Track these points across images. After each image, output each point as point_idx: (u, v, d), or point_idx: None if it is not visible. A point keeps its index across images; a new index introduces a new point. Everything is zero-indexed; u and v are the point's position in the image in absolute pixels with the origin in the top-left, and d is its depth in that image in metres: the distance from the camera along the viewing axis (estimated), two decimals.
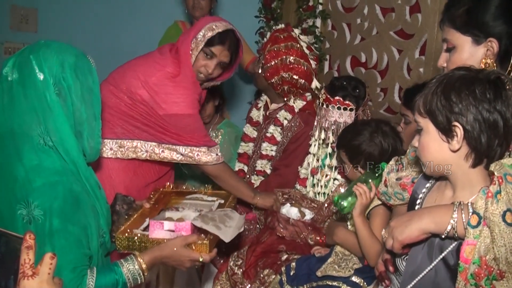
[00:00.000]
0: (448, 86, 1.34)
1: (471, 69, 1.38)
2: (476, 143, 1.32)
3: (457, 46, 1.61)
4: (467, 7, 1.58)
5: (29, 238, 0.98)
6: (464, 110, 1.31)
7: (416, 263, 1.43)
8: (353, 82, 2.57)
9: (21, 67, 1.60)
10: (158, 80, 2.40)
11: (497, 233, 1.21)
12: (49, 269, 0.98)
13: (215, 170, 2.52)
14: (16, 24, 4.34)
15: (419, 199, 1.55)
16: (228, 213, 2.08)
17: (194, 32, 2.45)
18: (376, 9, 3.49)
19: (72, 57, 1.65)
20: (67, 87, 1.62)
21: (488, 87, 1.31)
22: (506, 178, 1.24)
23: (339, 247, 2.18)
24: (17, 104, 1.60)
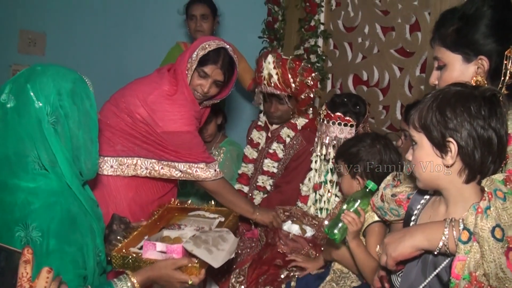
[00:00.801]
0: (443, 102, 1.36)
1: (467, 86, 1.41)
2: (470, 159, 1.33)
3: (448, 64, 1.64)
4: (456, 26, 1.61)
5: (27, 253, 1.00)
6: (458, 126, 1.33)
7: (411, 280, 1.44)
8: (353, 99, 2.60)
9: (18, 94, 1.60)
10: (156, 98, 2.44)
11: (486, 249, 1.22)
12: (46, 283, 1.01)
13: (214, 186, 2.54)
14: (25, 47, 4.42)
15: (414, 215, 1.56)
16: (223, 235, 2.07)
17: (190, 52, 2.48)
18: (377, 28, 3.53)
19: (69, 84, 1.65)
20: (64, 115, 1.63)
21: (483, 104, 1.33)
22: (496, 193, 1.26)
23: (337, 265, 2.18)
24: (11, 130, 1.61)
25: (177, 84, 2.48)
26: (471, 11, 1.59)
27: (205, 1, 3.73)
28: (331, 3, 3.87)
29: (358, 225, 1.92)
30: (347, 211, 1.93)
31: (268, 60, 2.75)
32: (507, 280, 1.21)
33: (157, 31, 4.63)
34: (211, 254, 1.90)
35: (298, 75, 2.70)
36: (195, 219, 2.38)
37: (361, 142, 2.21)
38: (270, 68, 2.73)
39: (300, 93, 2.76)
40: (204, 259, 1.88)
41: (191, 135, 2.48)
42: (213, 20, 3.74)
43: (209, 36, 2.73)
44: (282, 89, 2.73)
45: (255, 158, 3.02)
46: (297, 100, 2.82)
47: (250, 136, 3.08)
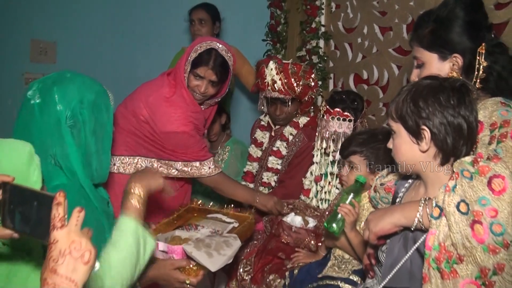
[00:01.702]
0: (416, 94, 1.51)
1: (438, 78, 1.56)
2: (443, 144, 1.48)
3: (426, 63, 1.78)
4: (431, 27, 1.76)
5: (59, 196, 1.08)
6: (430, 115, 1.47)
7: (394, 255, 1.58)
8: (351, 95, 2.74)
9: (44, 93, 1.73)
10: (155, 100, 2.58)
11: (452, 222, 1.36)
12: (77, 221, 1.07)
13: (212, 182, 2.69)
14: (36, 56, 4.56)
15: (398, 197, 1.71)
16: (229, 240, 2.13)
17: (186, 55, 2.61)
18: (375, 28, 3.66)
19: (92, 95, 1.77)
20: (82, 121, 1.75)
21: (452, 94, 1.48)
22: (462, 173, 1.39)
23: (338, 251, 2.31)
24: (35, 125, 1.73)
25: (176, 86, 2.61)
26: (444, 13, 1.73)
27: (203, 6, 3.87)
28: (331, 5, 4.00)
29: (354, 215, 2.03)
30: (342, 204, 2.05)
31: (270, 67, 2.88)
32: (473, 248, 1.34)
33: (164, 37, 4.77)
34: (210, 257, 1.97)
35: (301, 79, 2.83)
36: (212, 222, 2.46)
37: (378, 137, 2.27)
38: (273, 74, 2.87)
39: (303, 95, 2.89)
40: (202, 262, 1.95)
41: (187, 135, 2.59)
42: (212, 25, 3.86)
43: (204, 37, 2.84)
44: (286, 93, 2.86)
45: (259, 157, 3.16)
46: (301, 102, 2.95)
47: (254, 136, 3.23)
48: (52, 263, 1.03)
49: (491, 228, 1.32)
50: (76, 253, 1.04)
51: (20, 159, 1.40)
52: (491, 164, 1.38)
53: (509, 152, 1.55)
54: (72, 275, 1.03)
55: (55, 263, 1.03)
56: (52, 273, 1.03)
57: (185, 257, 2.02)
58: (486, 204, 1.33)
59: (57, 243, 1.04)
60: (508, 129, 1.58)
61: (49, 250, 1.04)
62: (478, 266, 1.35)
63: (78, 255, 1.04)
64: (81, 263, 1.04)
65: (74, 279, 1.03)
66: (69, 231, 1.05)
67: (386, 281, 1.58)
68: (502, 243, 1.32)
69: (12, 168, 1.37)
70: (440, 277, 1.39)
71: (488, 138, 1.61)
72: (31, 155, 1.42)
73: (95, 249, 1.07)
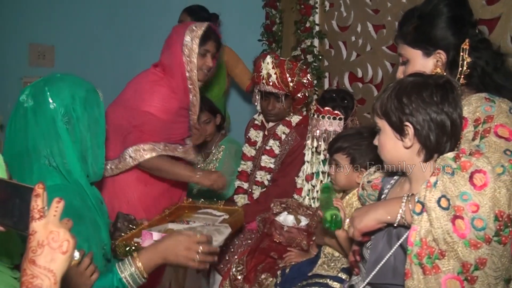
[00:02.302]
0: (400, 91, 1.51)
1: (422, 75, 1.56)
2: (426, 140, 1.48)
3: (410, 59, 1.79)
4: (415, 24, 1.76)
5: (38, 188, 1.08)
6: (414, 111, 1.47)
7: (378, 251, 1.58)
8: (341, 93, 2.75)
9: (36, 96, 1.77)
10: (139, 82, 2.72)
11: (433, 217, 1.36)
12: (55, 211, 1.08)
13: (153, 164, 2.64)
14: (34, 60, 4.58)
15: (384, 194, 1.71)
16: (220, 229, 2.24)
17: (178, 42, 2.68)
18: (369, 26, 3.66)
19: (83, 91, 1.82)
20: (75, 117, 1.79)
21: (435, 91, 1.48)
22: (444, 169, 1.39)
23: (328, 248, 2.31)
24: (30, 128, 1.77)
25: (173, 75, 2.68)
26: (428, 9, 1.74)
27: (187, 10, 3.85)
28: (324, 4, 4.01)
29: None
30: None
31: (266, 61, 2.91)
32: (455, 243, 1.34)
33: (162, 40, 4.62)
34: None
35: (296, 75, 2.85)
36: (203, 217, 2.53)
37: (362, 135, 2.28)
38: (269, 68, 2.89)
39: (296, 92, 2.90)
40: None
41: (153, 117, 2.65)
42: None
43: (182, 24, 2.94)
44: (280, 88, 2.88)
45: (253, 156, 3.16)
46: (294, 99, 2.96)
47: (248, 135, 3.23)
48: (31, 254, 1.04)
49: (472, 223, 1.32)
50: (54, 243, 1.05)
51: None
52: (472, 159, 1.38)
53: (492, 147, 1.55)
54: (51, 266, 1.05)
55: (33, 254, 1.04)
56: (31, 264, 1.04)
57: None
58: (468, 199, 1.33)
59: (36, 234, 1.05)
60: (492, 125, 1.58)
61: (28, 241, 1.05)
62: (460, 261, 1.34)
63: (56, 246, 1.05)
64: (59, 253, 1.05)
65: (52, 269, 1.05)
66: (47, 222, 1.06)
67: (371, 277, 1.58)
68: (483, 237, 1.32)
69: None
70: (422, 273, 1.39)
71: (472, 134, 1.61)
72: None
73: (74, 238, 1.08)
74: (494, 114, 1.59)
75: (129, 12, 4.92)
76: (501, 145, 1.54)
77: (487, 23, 2.81)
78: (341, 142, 2.31)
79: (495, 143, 1.54)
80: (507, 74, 1.76)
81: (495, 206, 1.33)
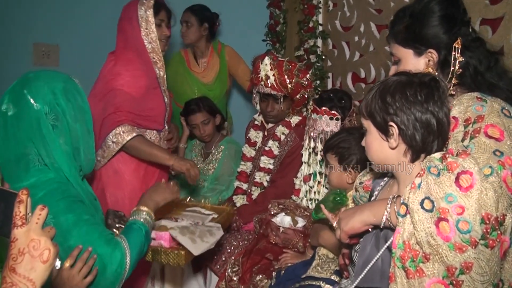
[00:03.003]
0: (384, 90, 1.48)
1: (407, 74, 1.52)
2: (411, 140, 1.45)
3: (402, 59, 1.75)
4: (406, 23, 1.72)
5: (21, 194, 1.07)
6: (398, 111, 1.44)
7: (366, 253, 1.55)
8: (339, 94, 2.73)
9: (17, 102, 1.77)
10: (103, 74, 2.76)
11: (416, 220, 1.32)
12: (38, 219, 1.06)
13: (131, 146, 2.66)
14: (39, 60, 4.61)
15: (374, 195, 1.68)
16: (212, 230, 2.28)
17: (133, 17, 2.73)
18: (372, 26, 3.62)
19: (60, 83, 1.83)
20: (61, 112, 1.80)
21: (419, 90, 1.44)
22: (429, 170, 1.36)
23: (322, 250, 2.29)
24: (12, 136, 1.77)
25: (124, 56, 2.74)
26: (419, 8, 1.70)
27: (190, 9, 3.84)
28: (328, 4, 3.98)
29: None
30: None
31: (265, 62, 2.88)
32: (439, 246, 1.30)
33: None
34: (194, 243, 2.10)
35: (294, 76, 2.82)
36: (191, 214, 2.55)
37: (352, 135, 2.29)
38: (267, 70, 2.86)
39: (295, 93, 2.87)
40: (186, 246, 2.07)
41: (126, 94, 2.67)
42: (199, 27, 3.79)
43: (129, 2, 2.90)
44: (278, 89, 2.85)
45: (253, 157, 3.14)
46: (293, 100, 2.93)
47: (247, 136, 3.22)
48: (12, 261, 1.03)
49: (457, 226, 1.28)
50: (35, 251, 1.04)
51: None
52: (459, 160, 1.33)
53: (481, 148, 1.50)
54: (30, 274, 1.03)
55: (14, 262, 1.03)
56: (11, 272, 1.03)
57: (172, 242, 2.15)
58: (453, 201, 1.29)
59: (17, 241, 1.04)
60: (482, 125, 1.54)
61: (9, 248, 1.04)
62: (445, 265, 1.30)
63: (37, 254, 1.04)
64: (40, 262, 1.04)
65: (31, 278, 1.03)
66: (29, 229, 1.05)
67: (358, 280, 1.55)
68: (469, 241, 1.28)
69: None
70: (405, 276, 1.35)
71: (462, 134, 1.57)
72: None
73: (56, 247, 1.07)
74: (485, 114, 1.54)
75: None
76: (490, 145, 1.50)
77: (490, 23, 2.77)
78: (331, 142, 2.32)
79: (484, 144, 1.50)
80: (500, 73, 1.71)
81: (482, 209, 1.29)
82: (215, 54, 3.92)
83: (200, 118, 3.38)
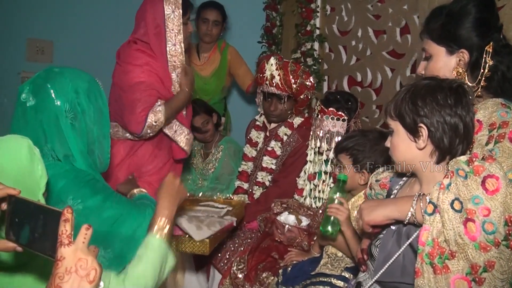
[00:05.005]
0: (415, 93, 1.54)
1: (435, 79, 1.59)
2: (439, 142, 1.51)
3: (433, 55, 1.81)
4: (443, 21, 1.78)
5: (67, 212, 1.07)
6: (428, 113, 1.51)
7: (387, 249, 1.61)
8: (346, 95, 2.80)
9: (38, 93, 1.76)
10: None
11: (446, 219, 1.40)
12: (84, 238, 1.06)
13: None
14: (33, 55, 4.56)
15: (393, 194, 1.74)
16: (222, 221, 2.35)
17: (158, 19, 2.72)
18: (369, 31, 3.71)
19: (85, 83, 1.82)
20: (81, 111, 1.79)
21: (449, 94, 1.51)
22: (457, 172, 1.43)
23: (331, 249, 2.35)
24: (29, 125, 1.76)
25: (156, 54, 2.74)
26: (456, 8, 1.76)
27: (219, 8, 3.92)
28: (326, 8, 4.05)
29: (344, 211, 2.07)
30: (329, 205, 2.10)
31: (270, 62, 2.94)
32: (465, 245, 1.38)
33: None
34: (199, 230, 2.18)
35: (299, 77, 2.88)
36: (205, 209, 2.60)
37: (366, 137, 2.34)
38: (273, 70, 2.92)
39: (299, 93, 2.94)
40: (188, 231, 2.19)
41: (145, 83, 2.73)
42: (221, 27, 3.93)
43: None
44: (283, 89, 2.91)
45: (254, 156, 3.19)
46: (296, 101, 2.99)
47: (249, 136, 3.26)
48: (58, 280, 1.03)
49: (483, 227, 1.36)
50: (82, 271, 1.05)
51: (20, 155, 1.40)
52: (485, 164, 1.41)
53: (505, 152, 1.58)
54: None
55: (60, 280, 1.03)
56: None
57: (177, 230, 2.20)
58: (479, 203, 1.37)
59: (64, 260, 1.04)
60: (507, 130, 1.61)
61: (55, 267, 1.04)
62: (469, 263, 1.38)
63: (84, 274, 1.05)
64: (86, 282, 1.05)
65: None
66: (76, 248, 1.05)
67: (379, 275, 1.62)
68: (493, 241, 1.36)
69: (15, 166, 1.38)
70: (432, 272, 1.42)
71: (486, 138, 1.64)
72: (31, 149, 1.42)
73: (101, 267, 1.08)
74: (510, 120, 1.62)
75: (129, 6, 4.88)
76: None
77: None
78: (346, 143, 2.36)
79: (508, 149, 1.58)
80: None
81: (506, 211, 1.37)
82: (217, 51, 3.97)
83: (199, 120, 3.41)
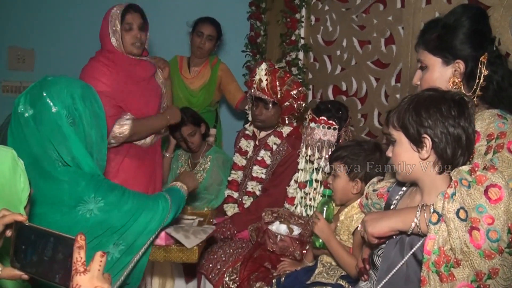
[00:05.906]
0: (418, 104, 1.57)
1: (438, 90, 1.63)
2: (443, 153, 1.54)
3: (429, 66, 1.85)
4: (438, 33, 1.82)
5: (80, 239, 1.07)
6: (432, 124, 1.54)
7: (390, 259, 1.63)
8: (336, 105, 2.85)
9: (35, 103, 1.78)
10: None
11: (452, 228, 1.43)
12: (99, 266, 1.06)
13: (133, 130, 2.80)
14: (14, 64, 4.53)
15: (393, 204, 1.76)
16: (206, 229, 2.45)
17: (107, 29, 2.85)
18: (354, 41, 3.76)
19: (79, 89, 1.86)
20: (78, 116, 1.83)
21: (452, 106, 1.55)
22: (461, 182, 1.46)
23: (325, 258, 2.36)
24: (32, 136, 1.78)
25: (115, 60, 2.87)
26: (451, 20, 1.81)
27: (215, 25, 3.94)
28: (310, 18, 4.10)
29: (320, 225, 2.23)
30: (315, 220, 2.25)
31: (261, 67, 2.97)
32: (470, 253, 1.41)
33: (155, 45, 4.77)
34: (187, 239, 2.27)
35: (285, 85, 2.91)
36: (175, 226, 2.54)
37: (361, 147, 2.37)
38: (262, 74, 2.95)
39: (284, 100, 2.96)
40: (180, 240, 2.28)
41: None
42: (215, 43, 3.94)
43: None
44: (269, 94, 2.94)
45: (244, 166, 3.19)
46: (281, 108, 3.01)
47: (238, 145, 3.26)
48: None
49: (487, 235, 1.39)
50: None
51: (3, 167, 1.39)
52: (488, 173, 1.45)
53: (505, 162, 1.63)
54: None
55: None
56: None
57: (168, 240, 2.32)
58: (483, 212, 1.40)
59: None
60: (505, 141, 1.65)
61: None
62: (474, 270, 1.41)
63: None
64: None
65: None
66: (92, 276, 1.06)
67: (382, 284, 1.63)
68: (497, 249, 1.39)
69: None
70: (439, 280, 1.44)
71: (485, 148, 1.68)
72: (14, 161, 1.41)
73: None
74: (507, 131, 1.67)
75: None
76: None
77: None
78: (341, 151, 2.39)
79: (507, 158, 1.63)
80: None
81: (509, 220, 1.41)
82: (208, 66, 3.98)
83: (186, 131, 3.41)
